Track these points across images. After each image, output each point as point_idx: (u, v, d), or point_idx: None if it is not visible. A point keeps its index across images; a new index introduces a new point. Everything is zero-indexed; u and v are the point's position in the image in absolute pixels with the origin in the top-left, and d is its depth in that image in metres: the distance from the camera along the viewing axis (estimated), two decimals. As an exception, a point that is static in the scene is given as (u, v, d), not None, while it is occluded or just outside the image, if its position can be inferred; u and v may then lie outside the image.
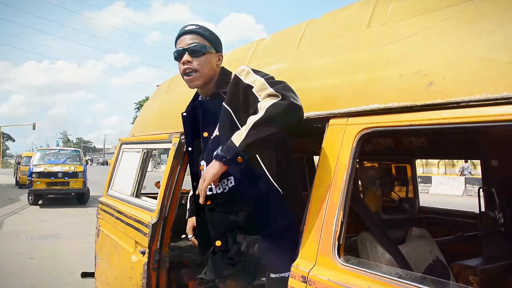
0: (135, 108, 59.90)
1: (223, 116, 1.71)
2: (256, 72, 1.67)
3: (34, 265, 6.17)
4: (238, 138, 1.50)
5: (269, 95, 1.53)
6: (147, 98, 49.32)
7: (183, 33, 1.83)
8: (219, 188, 1.71)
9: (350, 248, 2.03)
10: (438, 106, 1.23)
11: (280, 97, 1.50)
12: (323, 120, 1.62)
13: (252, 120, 1.50)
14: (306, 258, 1.47)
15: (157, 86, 4.27)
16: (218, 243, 1.71)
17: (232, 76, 1.74)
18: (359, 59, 1.59)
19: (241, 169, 1.63)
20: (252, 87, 1.60)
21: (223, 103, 1.72)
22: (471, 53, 1.21)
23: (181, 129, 2.51)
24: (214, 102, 1.79)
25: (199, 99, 1.96)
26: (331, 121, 1.58)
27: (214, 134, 1.75)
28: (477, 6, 1.28)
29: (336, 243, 1.38)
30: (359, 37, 1.69)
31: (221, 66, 1.90)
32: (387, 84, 1.42)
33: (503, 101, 1.08)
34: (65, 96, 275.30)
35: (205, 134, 1.81)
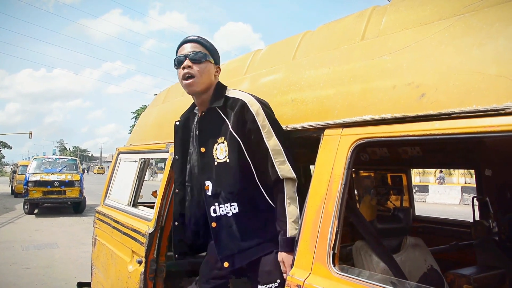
0: (133, 117, 59.88)
1: (232, 143, 1.78)
2: (266, 114, 1.76)
3: (29, 275, 6.12)
4: (291, 231, 1.65)
5: (289, 178, 1.71)
6: (144, 107, 49.38)
7: (184, 41, 1.90)
8: (222, 210, 1.78)
9: (345, 257, 2.04)
10: (430, 117, 1.26)
11: (296, 181, 1.72)
12: (319, 131, 1.65)
13: (291, 214, 1.67)
14: (301, 267, 1.48)
15: (155, 95, 4.29)
16: (226, 264, 1.76)
17: (239, 103, 1.79)
18: (354, 71, 1.62)
19: (244, 197, 1.78)
20: (264, 139, 1.72)
21: (230, 129, 1.78)
22: (462, 66, 1.24)
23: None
24: (210, 117, 1.86)
25: (194, 111, 2.03)
26: (326, 132, 1.60)
27: (222, 159, 1.80)
28: (468, 20, 1.31)
29: (331, 252, 1.40)
30: (354, 49, 1.72)
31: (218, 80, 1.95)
32: (381, 95, 1.44)
33: (493, 112, 1.11)
34: (61, 104, 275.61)
35: (202, 150, 1.85)
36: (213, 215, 1.79)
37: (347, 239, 3.17)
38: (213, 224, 1.79)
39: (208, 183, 1.82)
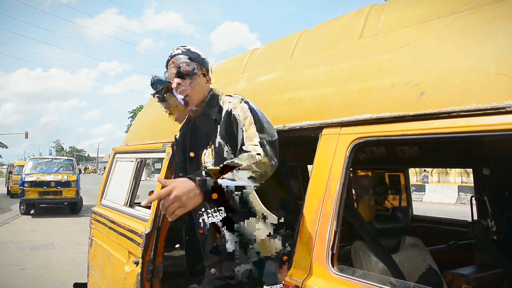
0: (129, 117, 59.77)
1: (218, 149, 1.70)
2: (250, 109, 1.65)
3: (25, 276, 6.08)
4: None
5: (257, 153, 1.50)
6: (141, 107, 49.26)
7: (172, 56, 1.84)
8: (209, 217, 1.73)
9: (343, 257, 2.03)
10: (429, 116, 1.25)
11: (267, 159, 1.48)
12: (317, 130, 1.64)
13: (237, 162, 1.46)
14: (300, 268, 1.47)
15: (151, 95, 4.27)
16: (213, 271, 1.73)
17: (225, 108, 1.72)
18: (352, 69, 1.61)
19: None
20: (243, 130, 1.61)
21: (218, 137, 1.69)
22: (461, 64, 1.23)
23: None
24: (203, 122, 1.81)
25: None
26: (324, 131, 1.59)
27: (208, 166, 1.71)
28: (467, 18, 1.30)
29: (330, 252, 1.38)
30: (352, 47, 1.71)
31: (211, 87, 1.89)
32: (380, 94, 1.43)
33: (493, 111, 1.10)
34: (57, 104, 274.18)
35: (192, 154, 1.81)
36: (200, 221, 1.77)
37: (346, 239, 3.16)
38: (200, 231, 1.77)
39: None
